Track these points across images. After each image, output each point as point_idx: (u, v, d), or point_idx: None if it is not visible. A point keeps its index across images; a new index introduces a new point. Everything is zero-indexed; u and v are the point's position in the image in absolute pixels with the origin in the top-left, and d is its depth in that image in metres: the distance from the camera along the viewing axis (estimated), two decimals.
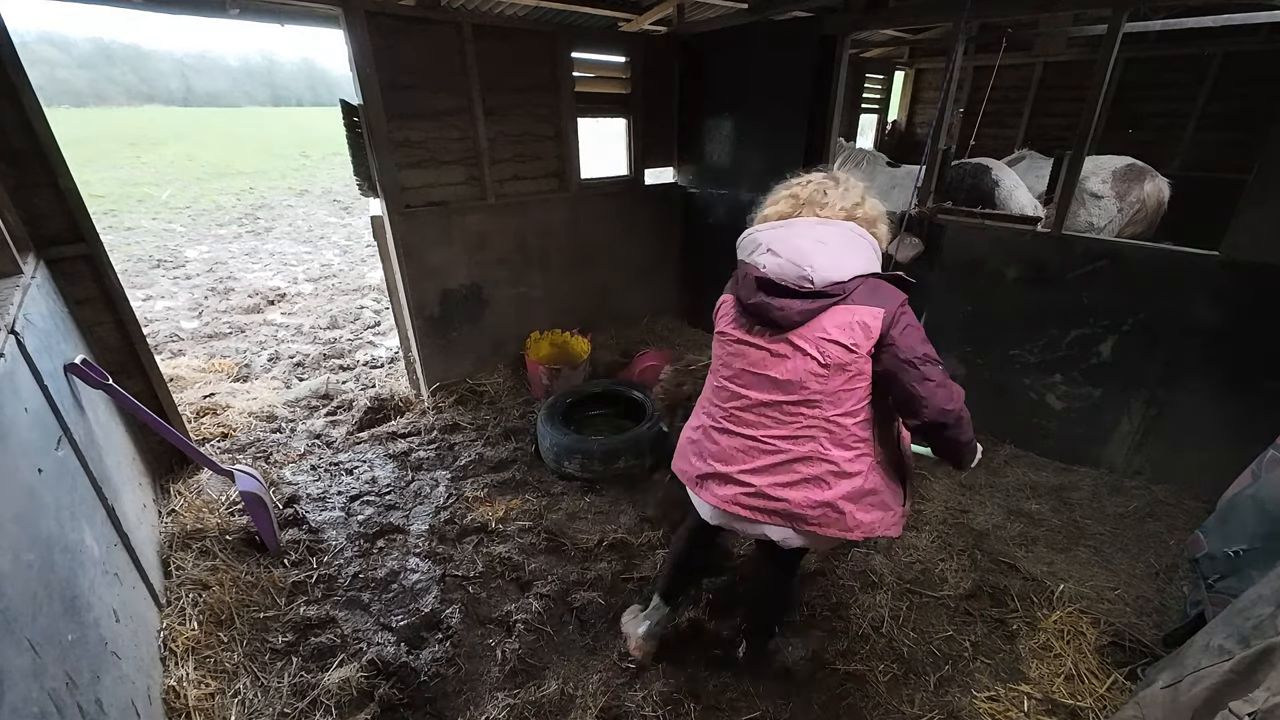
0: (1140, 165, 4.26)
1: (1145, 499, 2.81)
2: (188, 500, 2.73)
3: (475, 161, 3.71)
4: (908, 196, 3.34)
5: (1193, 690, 1.26)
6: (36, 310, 1.98)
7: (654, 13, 3.80)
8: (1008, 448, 3.28)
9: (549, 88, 3.89)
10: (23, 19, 25.43)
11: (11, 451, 1.36)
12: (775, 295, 1.45)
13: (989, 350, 3.28)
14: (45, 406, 1.72)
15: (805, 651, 2.10)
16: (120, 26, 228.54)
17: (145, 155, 19.49)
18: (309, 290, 6.61)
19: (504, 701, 1.93)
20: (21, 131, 2.32)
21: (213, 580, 2.29)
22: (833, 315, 1.41)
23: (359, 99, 3.17)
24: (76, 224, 2.50)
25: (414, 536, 2.70)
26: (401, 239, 3.51)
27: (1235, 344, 2.53)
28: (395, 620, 2.25)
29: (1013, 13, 3.14)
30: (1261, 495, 1.76)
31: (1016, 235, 3.08)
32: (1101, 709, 1.90)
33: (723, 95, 4.29)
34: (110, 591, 1.70)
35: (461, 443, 3.45)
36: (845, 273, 1.42)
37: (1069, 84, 5.89)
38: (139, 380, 2.82)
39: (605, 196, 4.49)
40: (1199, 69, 5.09)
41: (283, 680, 1.98)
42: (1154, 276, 2.68)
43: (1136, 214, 4.22)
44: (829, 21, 3.47)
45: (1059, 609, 2.25)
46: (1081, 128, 2.73)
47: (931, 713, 1.92)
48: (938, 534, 2.67)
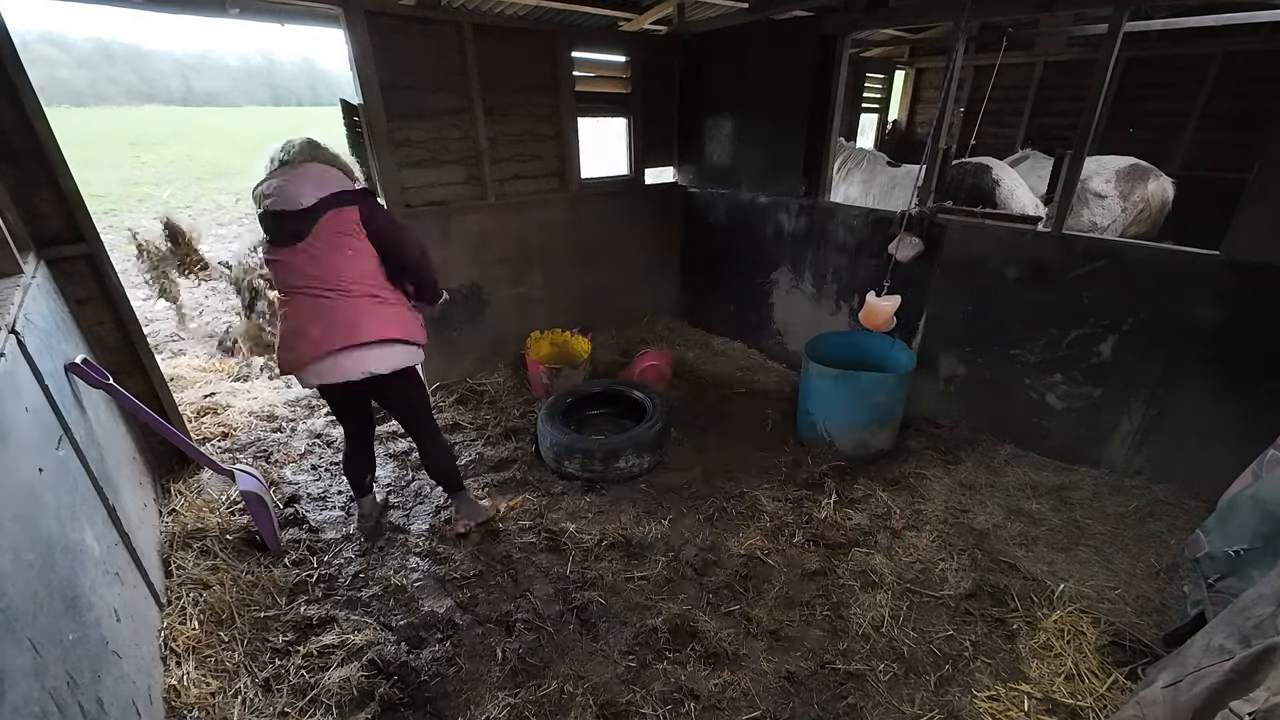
0: (1144, 165, 4.26)
1: (1145, 498, 2.81)
2: (188, 500, 2.73)
3: (475, 161, 3.71)
4: (908, 196, 3.34)
5: (1193, 690, 1.26)
6: (37, 310, 1.98)
7: (654, 12, 3.81)
8: (1008, 447, 3.28)
9: (549, 87, 3.89)
10: (23, 19, 25.47)
11: (12, 451, 1.36)
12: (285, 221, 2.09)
13: (989, 350, 3.28)
14: (46, 406, 1.72)
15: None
16: (120, 26, 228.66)
17: (145, 155, 19.50)
18: None
19: (504, 701, 1.93)
20: (22, 131, 2.32)
21: (213, 580, 2.29)
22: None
23: (359, 99, 3.17)
24: (77, 224, 2.50)
25: (414, 536, 2.70)
26: None
27: (1235, 343, 2.53)
28: (395, 620, 2.25)
29: (1013, 12, 3.14)
30: (1262, 495, 1.76)
31: (1017, 235, 3.07)
32: (1102, 709, 1.89)
33: (723, 95, 4.29)
34: (111, 591, 1.70)
35: (462, 442, 3.45)
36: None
37: (1069, 83, 5.89)
38: (139, 380, 2.82)
39: (605, 196, 4.50)
40: (1200, 68, 5.09)
41: (283, 679, 1.98)
42: (1154, 276, 2.68)
43: (1140, 214, 4.23)
44: (829, 21, 3.47)
45: (1059, 608, 2.25)
46: (1082, 127, 2.73)
47: (931, 712, 1.92)
48: (938, 533, 2.67)
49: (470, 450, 3.35)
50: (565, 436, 3.08)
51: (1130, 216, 4.21)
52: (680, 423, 3.53)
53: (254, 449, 3.33)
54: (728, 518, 2.81)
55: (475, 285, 3.96)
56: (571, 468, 3.06)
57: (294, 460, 3.25)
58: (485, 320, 4.09)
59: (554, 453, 3.11)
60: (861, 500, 2.91)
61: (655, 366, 4.02)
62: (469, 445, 3.41)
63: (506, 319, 4.19)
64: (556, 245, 4.30)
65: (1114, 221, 4.17)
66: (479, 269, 3.93)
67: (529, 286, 4.26)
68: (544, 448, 3.19)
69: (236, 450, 3.31)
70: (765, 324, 4.58)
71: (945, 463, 3.21)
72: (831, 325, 4.02)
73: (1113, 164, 4.24)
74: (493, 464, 3.23)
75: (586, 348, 4.07)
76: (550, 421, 3.19)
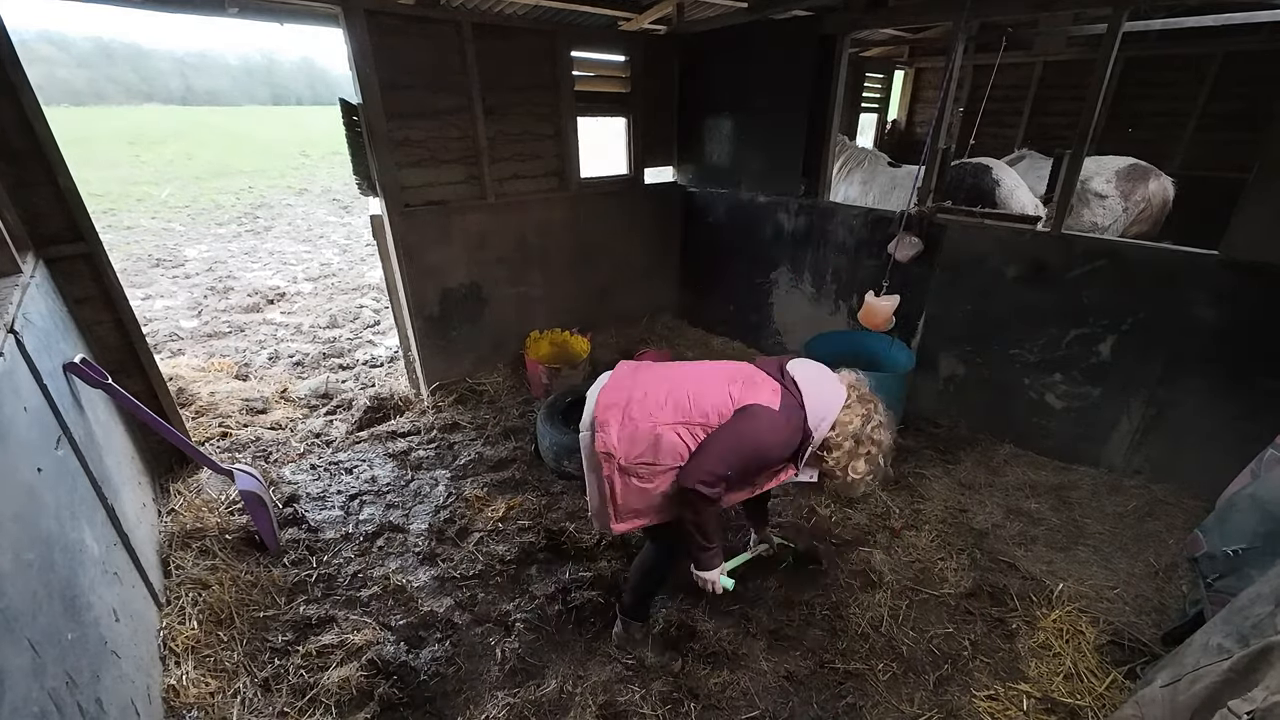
0: (1144, 165, 4.27)
1: (1144, 498, 2.81)
2: (187, 499, 2.73)
3: (475, 160, 3.71)
4: (908, 196, 3.34)
5: (1192, 689, 1.26)
6: (36, 309, 1.98)
7: (654, 12, 3.80)
8: (1007, 447, 3.28)
9: (549, 87, 3.88)
10: (22, 18, 25.36)
11: (11, 451, 1.36)
12: None
13: (989, 349, 3.28)
14: (45, 406, 1.71)
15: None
16: (120, 25, 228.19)
17: (144, 154, 19.47)
18: (308, 289, 6.61)
19: (504, 700, 1.93)
20: (21, 130, 2.31)
21: (212, 579, 2.29)
22: None
23: (359, 98, 3.16)
24: (76, 223, 2.50)
25: (414, 536, 2.70)
26: (401, 238, 3.51)
27: (1234, 343, 2.53)
28: (395, 619, 2.25)
29: (1013, 12, 3.14)
30: (1260, 494, 1.76)
31: (1016, 235, 3.07)
32: (1100, 708, 1.90)
33: (723, 94, 4.28)
34: (110, 591, 1.70)
35: (461, 442, 3.45)
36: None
37: (1069, 83, 5.89)
38: (138, 379, 2.82)
39: (605, 195, 4.49)
40: (1200, 68, 5.09)
41: (282, 679, 1.98)
42: (1154, 276, 2.68)
43: (1142, 213, 4.23)
44: (829, 21, 3.46)
45: (1058, 608, 2.26)
46: (1081, 127, 2.73)
47: (931, 711, 1.92)
48: (937, 533, 2.67)
49: (469, 450, 3.35)
50: (565, 436, 3.07)
51: (1132, 216, 4.22)
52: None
53: (253, 449, 3.33)
54: (727, 516, 2.81)
55: (475, 285, 3.96)
56: (571, 467, 3.04)
57: (293, 460, 3.25)
58: (484, 320, 4.09)
59: (553, 452, 3.09)
60: (861, 500, 2.92)
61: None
62: (468, 445, 3.41)
63: (506, 318, 4.18)
64: (556, 245, 4.30)
65: (1115, 221, 4.18)
66: (478, 268, 3.93)
67: (528, 286, 4.26)
68: (543, 447, 3.18)
69: (235, 450, 3.31)
70: (765, 324, 4.58)
71: (944, 462, 3.21)
72: (831, 325, 4.02)
73: (1112, 164, 4.24)
74: (492, 464, 3.23)
75: (586, 347, 4.07)
76: (550, 421, 3.18)
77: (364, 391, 3.97)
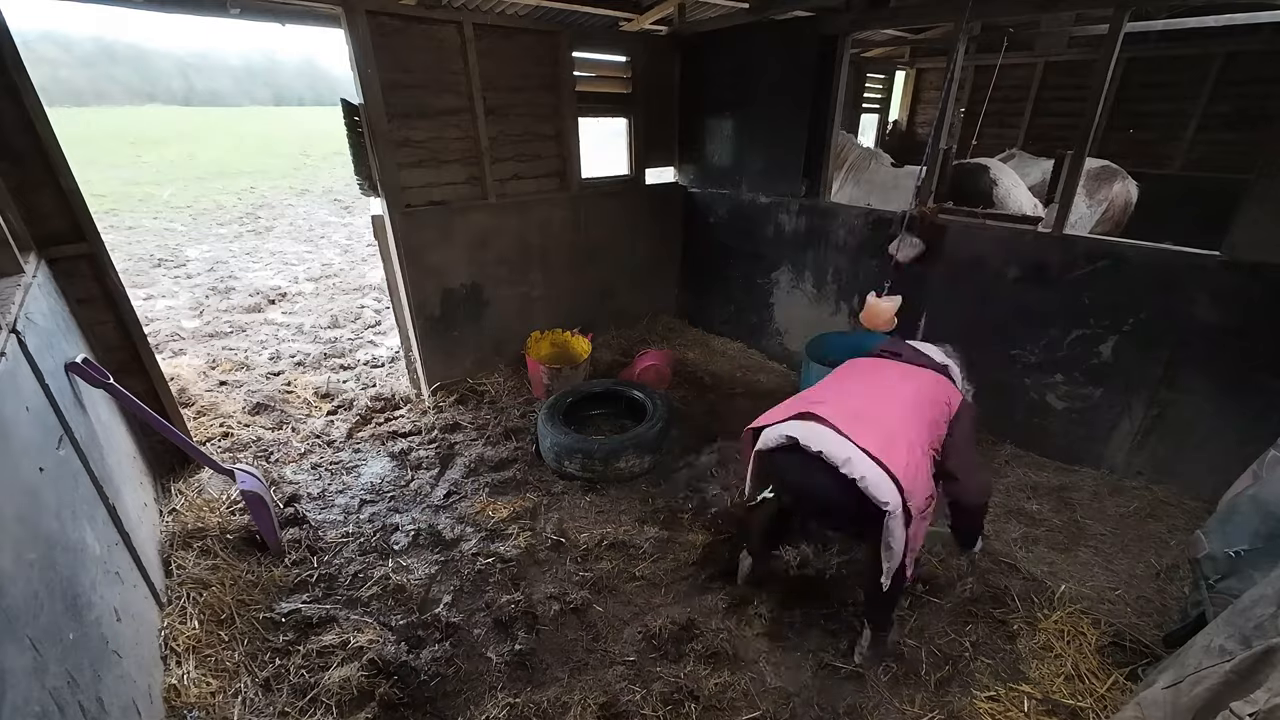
0: (1113, 167, 4.40)
1: (1146, 499, 2.80)
2: (189, 499, 2.73)
3: (476, 161, 3.71)
4: (909, 196, 3.34)
5: (1194, 691, 1.26)
6: (38, 309, 1.98)
7: (655, 12, 3.80)
8: (1008, 448, 3.28)
9: (550, 87, 3.89)
10: (25, 18, 25.41)
11: (13, 450, 1.36)
12: None
13: (989, 350, 3.27)
14: (46, 405, 1.72)
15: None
16: (122, 26, 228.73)
17: (146, 154, 19.51)
18: (310, 289, 6.61)
19: (504, 700, 1.93)
20: (23, 131, 2.32)
21: (213, 579, 2.29)
22: None
23: (360, 98, 3.17)
24: (78, 223, 2.50)
25: (414, 536, 2.70)
26: (402, 238, 3.51)
27: (1236, 344, 2.53)
28: (395, 619, 2.25)
29: (1014, 12, 3.14)
30: (1262, 496, 1.76)
31: (1017, 235, 3.07)
32: (1102, 709, 1.89)
33: (724, 95, 4.28)
34: (111, 590, 1.70)
35: (462, 442, 3.45)
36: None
37: (1070, 84, 5.88)
38: (140, 379, 2.82)
39: (606, 196, 4.49)
40: (1201, 69, 5.08)
41: (283, 679, 1.98)
42: (1155, 277, 2.68)
43: (1105, 213, 4.35)
44: (830, 21, 3.46)
45: (1059, 609, 2.25)
46: (1083, 127, 2.73)
47: (932, 712, 1.92)
48: (938, 533, 2.67)
49: (470, 450, 3.35)
50: (565, 436, 3.08)
51: (1096, 215, 4.33)
52: (681, 422, 3.52)
53: (254, 448, 3.33)
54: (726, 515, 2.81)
55: (476, 285, 3.96)
56: (572, 468, 3.06)
57: (294, 460, 3.25)
58: (486, 320, 4.09)
59: (554, 453, 3.11)
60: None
61: (655, 366, 4.02)
62: (469, 445, 3.41)
63: (507, 319, 4.18)
64: (557, 245, 4.30)
65: (1080, 218, 4.26)
66: (479, 269, 3.93)
67: (529, 286, 4.26)
68: (544, 448, 3.19)
69: (237, 450, 3.31)
70: (766, 324, 4.58)
71: None
72: (832, 325, 4.02)
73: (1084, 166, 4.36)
74: (493, 464, 3.23)
75: (587, 348, 4.07)
76: (550, 421, 3.19)
77: (365, 391, 3.98)
